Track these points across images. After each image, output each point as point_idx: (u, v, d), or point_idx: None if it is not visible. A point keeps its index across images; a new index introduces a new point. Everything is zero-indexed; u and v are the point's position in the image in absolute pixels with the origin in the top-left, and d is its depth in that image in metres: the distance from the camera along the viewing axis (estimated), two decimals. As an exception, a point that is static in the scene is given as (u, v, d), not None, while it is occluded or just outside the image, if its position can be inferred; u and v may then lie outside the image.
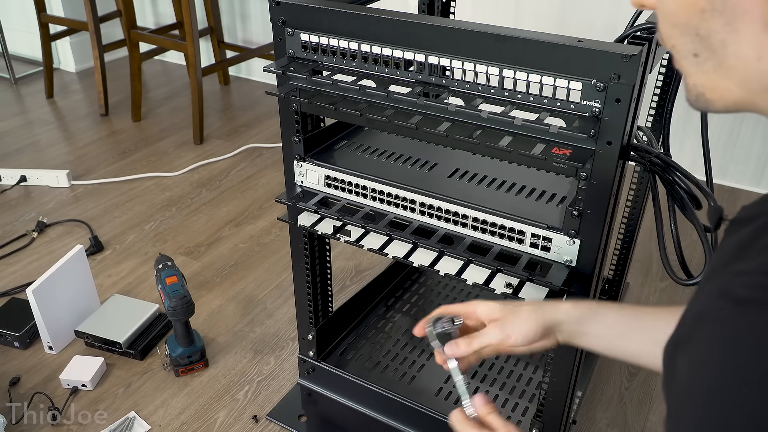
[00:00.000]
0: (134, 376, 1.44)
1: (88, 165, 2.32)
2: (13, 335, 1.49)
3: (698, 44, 0.46)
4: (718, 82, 0.46)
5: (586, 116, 0.80)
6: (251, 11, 2.95)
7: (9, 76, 3.01)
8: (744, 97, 0.46)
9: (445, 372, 1.32)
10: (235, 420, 1.33)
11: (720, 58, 0.45)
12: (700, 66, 0.47)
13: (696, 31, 0.45)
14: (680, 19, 0.46)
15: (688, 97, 0.50)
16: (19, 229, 1.94)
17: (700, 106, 0.49)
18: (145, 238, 1.92)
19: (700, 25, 0.44)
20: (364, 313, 1.49)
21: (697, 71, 0.47)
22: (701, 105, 0.49)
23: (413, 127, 0.88)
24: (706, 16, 0.44)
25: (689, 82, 0.49)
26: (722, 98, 0.47)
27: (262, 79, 3.04)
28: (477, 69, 0.85)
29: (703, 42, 0.45)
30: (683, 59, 0.48)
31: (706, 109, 0.49)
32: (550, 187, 1.03)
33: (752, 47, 0.42)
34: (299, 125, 1.06)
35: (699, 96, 0.49)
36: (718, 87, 0.47)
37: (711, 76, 0.47)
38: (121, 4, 2.46)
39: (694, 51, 0.46)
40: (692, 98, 0.49)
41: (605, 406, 1.36)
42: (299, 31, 0.97)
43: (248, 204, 2.10)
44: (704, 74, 0.47)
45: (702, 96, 0.48)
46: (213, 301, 1.67)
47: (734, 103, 0.47)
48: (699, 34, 0.45)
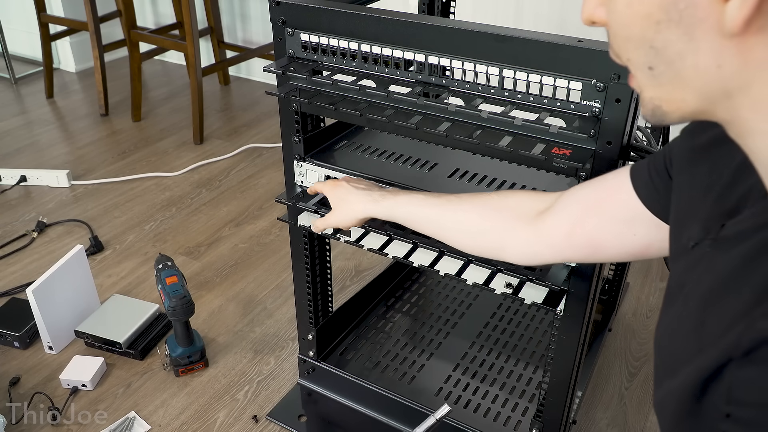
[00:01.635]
0: (134, 376, 1.44)
1: (88, 165, 2.32)
2: (13, 335, 1.49)
3: (653, 57, 0.45)
4: (674, 94, 0.46)
5: (586, 116, 0.80)
6: (251, 11, 2.95)
7: (9, 76, 3.01)
8: (701, 106, 0.46)
9: (445, 372, 1.32)
10: (235, 420, 1.33)
11: (677, 69, 0.44)
12: (656, 79, 0.46)
13: (651, 44, 0.44)
14: (634, 33, 0.45)
15: (643, 111, 0.49)
16: (19, 229, 1.94)
17: (657, 119, 0.49)
18: (145, 238, 1.92)
19: (655, 37, 0.44)
20: (364, 313, 1.49)
21: (653, 84, 0.47)
22: (658, 118, 0.49)
23: (413, 127, 0.88)
24: (661, 28, 0.43)
25: (645, 95, 0.48)
26: (679, 109, 0.47)
27: (262, 79, 3.04)
28: (477, 69, 0.85)
29: (659, 54, 0.44)
30: (638, 72, 0.48)
31: (662, 121, 0.49)
32: (550, 187, 1.03)
33: (711, 56, 0.42)
34: (299, 125, 1.06)
35: (655, 109, 0.48)
36: (674, 98, 0.46)
37: (667, 88, 0.46)
38: (121, 4, 2.46)
39: (649, 64, 0.46)
40: (648, 112, 0.49)
41: (605, 406, 1.36)
42: (299, 31, 0.97)
43: (248, 204, 2.10)
44: (660, 87, 0.46)
45: (658, 108, 0.48)
46: (213, 301, 1.67)
47: (691, 113, 0.47)
48: (654, 47, 0.44)
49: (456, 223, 0.86)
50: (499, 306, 1.52)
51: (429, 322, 1.48)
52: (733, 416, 0.43)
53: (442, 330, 1.45)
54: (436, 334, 1.43)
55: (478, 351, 1.39)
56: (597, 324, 1.52)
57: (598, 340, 1.48)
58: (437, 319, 1.48)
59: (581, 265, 0.89)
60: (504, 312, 1.51)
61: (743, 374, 0.42)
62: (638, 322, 1.59)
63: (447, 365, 1.34)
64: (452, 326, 1.46)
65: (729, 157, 0.53)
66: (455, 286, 1.59)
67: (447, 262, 0.97)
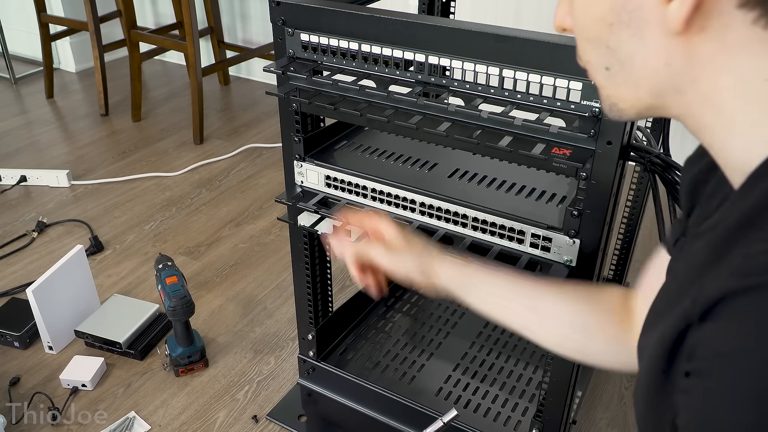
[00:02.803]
0: (134, 376, 1.44)
1: (88, 165, 2.32)
2: (13, 335, 1.49)
3: (609, 57, 0.48)
4: (629, 93, 0.49)
5: (586, 116, 0.80)
6: (251, 11, 2.95)
7: (9, 76, 3.01)
8: (655, 103, 0.48)
9: (445, 372, 1.32)
10: (235, 420, 1.33)
11: (629, 69, 0.47)
12: (611, 78, 0.49)
13: (606, 44, 0.47)
14: (592, 34, 0.48)
15: (603, 107, 0.53)
16: (19, 229, 1.94)
17: (614, 115, 0.52)
18: (145, 238, 1.92)
19: (609, 38, 0.47)
20: (364, 313, 1.49)
21: (609, 83, 0.50)
22: (615, 114, 0.52)
23: (413, 127, 0.88)
24: (614, 29, 0.46)
25: (602, 93, 0.52)
26: (633, 107, 0.50)
27: (262, 79, 3.04)
28: (477, 69, 0.85)
29: (613, 55, 0.47)
30: (596, 72, 0.51)
31: (620, 117, 0.52)
32: (550, 187, 1.03)
33: (659, 55, 0.45)
34: (299, 125, 1.06)
35: (612, 106, 0.51)
36: (629, 97, 0.49)
37: (622, 88, 0.49)
38: (121, 4, 2.46)
39: (605, 65, 0.49)
40: (606, 108, 0.52)
41: (605, 406, 1.36)
42: (299, 31, 0.97)
43: (248, 204, 2.10)
44: (616, 86, 0.50)
45: (615, 106, 0.51)
46: (213, 301, 1.67)
47: (647, 109, 0.50)
48: (609, 47, 0.47)
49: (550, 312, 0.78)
50: (499, 306, 1.52)
51: (429, 322, 1.48)
52: (690, 373, 0.44)
53: (442, 330, 1.45)
54: (436, 334, 1.43)
55: (478, 351, 1.39)
56: (597, 324, 1.52)
57: (598, 340, 1.48)
58: (437, 319, 1.48)
59: (581, 265, 0.90)
60: (504, 312, 1.50)
61: (701, 333, 0.44)
62: (638, 322, 1.59)
63: (447, 365, 1.34)
64: (452, 326, 1.46)
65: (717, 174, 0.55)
66: (455, 286, 1.59)
67: (447, 262, 0.97)
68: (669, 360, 0.48)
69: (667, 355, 0.48)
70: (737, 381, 0.41)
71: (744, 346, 0.41)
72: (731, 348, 0.41)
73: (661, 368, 0.48)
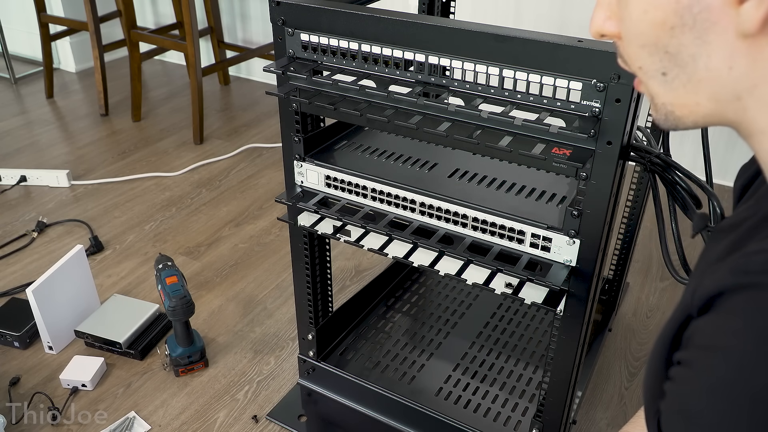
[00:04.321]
0: (134, 376, 1.44)
1: (88, 165, 2.32)
2: (13, 335, 1.49)
3: (667, 62, 0.46)
4: (688, 98, 0.47)
5: (586, 116, 0.80)
6: (251, 11, 2.95)
7: (9, 76, 3.01)
8: (714, 109, 0.47)
9: (445, 372, 1.32)
10: (235, 420, 1.33)
11: (690, 72, 0.45)
12: (669, 84, 0.47)
13: (665, 49, 0.45)
14: (649, 39, 0.46)
15: (656, 117, 0.51)
16: (19, 229, 1.94)
17: (670, 124, 0.50)
18: (145, 238, 1.92)
19: (669, 42, 0.45)
20: (364, 313, 1.49)
21: (667, 90, 0.48)
22: (671, 123, 0.50)
23: (413, 127, 0.88)
24: (676, 32, 0.44)
25: (658, 101, 0.50)
26: (692, 113, 0.48)
27: (262, 79, 3.04)
28: (477, 69, 0.85)
29: (673, 59, 0.46)
30: (651, 79, 0.49)
31: (676, 127, 0.50)
32: (550, 187, 1.03)
33: (723, 57, 0.43)
34: (299, 125, 1.06)
35: (668, 114, 0.49)
36: (688, 102, 0.47)
37: (680, 93, 0.47)
38: (121, 4, 2.46)
39: (662, 70, 0.47)
40: (661, 118, 0.50)
41: (605, 406, 1.36)
42: (299, 31, 0.97)
43: (248, 204, 2.10)
44: (673, 92, 0.48)
45: (672, 114, 0.49)
46: (213, 301, 1.67)
47: (704, 117, 0.48)
48: (668, 52, 0.45)
49: None
50: (499, 306, 1.52)
51: (429, 322, 1.48)
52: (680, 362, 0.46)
53: (442, 330, 1.45)
54: (436, 334, 1.43)
55: (478, 351, 1.39)
56: (597, 324, 1.52)
57: (598, 340, 1.48)
58: (437, 319, 1.48)
59: (581, 265, 0.90)
60: (504, 312, 1.51)
61: (696, 324, 0.46)
62: (638, 322, 1.59)
63: (447, 365, 1.34)
64: (452, 326, 1.46)
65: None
66: (455, 286, 1.59)
67: (447, 262, 0.97)
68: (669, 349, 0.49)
69: (668, 345, 0.49)
70: (717, 374, 0.42)
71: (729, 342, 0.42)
72: (717, 343, 0.43)
73: (663, 356, 0.50)
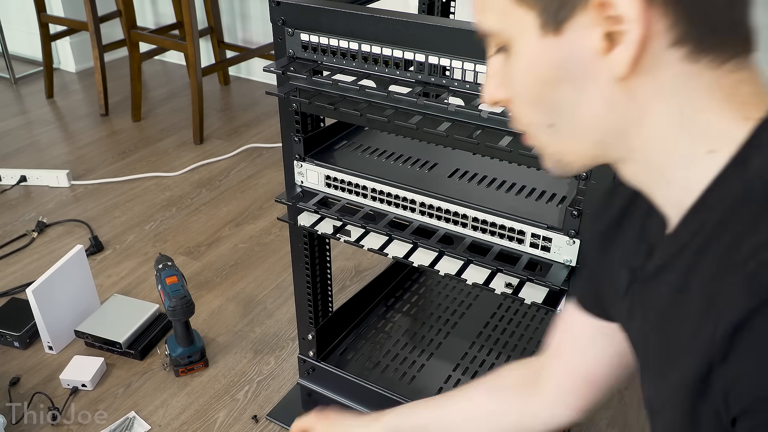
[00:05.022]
0: (134, 376, 1.44)
1: (88, 165, 2.32)
2: (13, 335, 1.49)
3: (552, 114, 0.49)
4: (575, 145, 0.50)
5: (586, 116, 0.80)
6: (251, 11, 2.95)
7: (9, 76, 3.01)
8: (601, 150, 0.50)
9: (445, 372, 1.32)
10: (235, 420, 1.33)
11: (575, 121, 0.48)
12: (557, 134, 0.50)
13: (550, 103, 0.48)
14: (534, 96, 0.49)
15: (546, 164, 0.54)
16: (19, 229, 1.94)
17: (561, 171, 0.53)
18: (145, 238, 1.92)
19: (552, 96, 0.48)
20: (364, 313, 1.49)
21: (556, 140, 0.51)
22: (561, 170, 0.53)
23: (413, 127, 0.88)
24: (556, 87, 0.47)
25: (548, 152, 0.53)
26: (579, 158, 0.51)
27: (262, 79, 3.04)
28: (477, 69, 0.85)
29: (557, 111, 0.49)
30: (540, 132, 0.52)
31: (566, 173, 0.53)
32: (550, 187, 1.03)
33: (602, 102, 0.46)
34: (299, 125, 1.06)
35: (558, 162, 0.53)
36: (575, 149, 0.51)
37: (568, 141, 0.50)
38: (121, 4, 2.46)
39: (549, 122, 0.50)
40: (552, 165, 0.53)
41: (605, 406, 1.36)
42: (299, 31, 0.97)
43: (248, 204, 2.10)
44: (562, 141, 0.51)
45: (561, 161, 0.52)
46: (213, 301, 1.67)
47: (592, 159, 0.51)
48: (552, 105, 0.48)
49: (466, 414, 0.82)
50: (499, 306, 1.52)
51: (429, 322, 1.47)
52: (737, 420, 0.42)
53: (442, 330, 1.44)
54: (436, 334, 1.43)
55: (478, 351, 1.38)
56: (597, 324, 1.52)
57: (598, 340, 1.47)
58: (437, 319, 1.48)
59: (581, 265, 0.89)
60: (504, 312, 1.50)
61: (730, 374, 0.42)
62: (638, 322, 1.59)
63: (447, 365, 1.34)
64: (452, 326, 1.46)
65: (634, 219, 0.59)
66: (455, 286, 1.59)
67: (447, 262, 0.97)
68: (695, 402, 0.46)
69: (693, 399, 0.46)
70: None
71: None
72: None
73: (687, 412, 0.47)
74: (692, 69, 0.44)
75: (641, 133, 0.46)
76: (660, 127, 0.46)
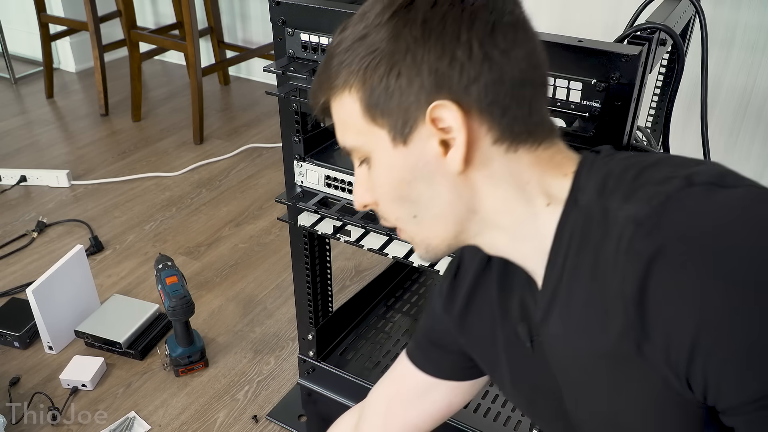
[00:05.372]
0: (134, 376, 1.44)
1: (88, 165, 2.32)
2: (13, 335, 1.49)
3: (414, 207, 0.60)
4: (438, 229, 0.61)
5: (586, 116, 0.80)
6: (251, 11, 2.95)
7: (9, 76, 3.01)
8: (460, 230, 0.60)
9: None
10: (235, 420, 1.33)
11: (433, 210, 0.59)
12: (421, 223, 0.61)
13: (409, 198, 0.59)
14: (396, 194, 0.60)
15: (419, 253, 0.64)
16: (19, 229, 1.94)
17: (431, 256, 0.63)
18: (145, 238, 1.92)
19: (410, 192, 0.59)
20: (364, 313, 1.49)
21: (421, 228, 0.61)
22: (431, 255, 0.63)
23: (413, 127, 0.88)
24: (413, 184, 0.58)
25: (417, 239, 0.63)
26: (444, 241, 0.61)
27: (262, 79, 3.04)
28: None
29: (417, 204, 0.59)
30: (407, 224, 0.62)
31: (436, 256, 0.63)
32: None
33: (451, 192, 0.58)
34: (299, 125, 1.06)
35: (427, 247, 0.62)
36: (439, 233, 0.61)
37: (431, 227, 0.61)
38: (121, 4, 2.46)
39: (413, 214, 0.60)
40: (422, 251, 0.63)
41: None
42: (299, 31, 0.97)
43: (248, 204, 2.10)
44: (426, 228, 0.61)
45: (430, 246, 0.62)
46: (213, 301, 1.67)
47: (455, 239, 0.61)
48: (412, 199, 0.59)
49: None
50: (499, 306, 1.52)
51: (429, 322, 1.47)
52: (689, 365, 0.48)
53: (442, 330, 1.44)
54: (436, 334, 1.43)
55: (478, 351, 1.38)
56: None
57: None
58: (437, 319, 1.48)
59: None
60: (504, 312, 1.50)
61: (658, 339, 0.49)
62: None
63: (447, 365, 1.34)
64: (452, 326, 1.46)
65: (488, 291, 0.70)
66: (455, 286, 1.59)
67: (447, 262, 0.97)
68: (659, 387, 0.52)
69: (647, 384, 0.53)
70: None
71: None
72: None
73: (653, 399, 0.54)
74: (514, 156, 0.57)
75: (487, 207, 0.58)
76: (501, 201, 0.58)
